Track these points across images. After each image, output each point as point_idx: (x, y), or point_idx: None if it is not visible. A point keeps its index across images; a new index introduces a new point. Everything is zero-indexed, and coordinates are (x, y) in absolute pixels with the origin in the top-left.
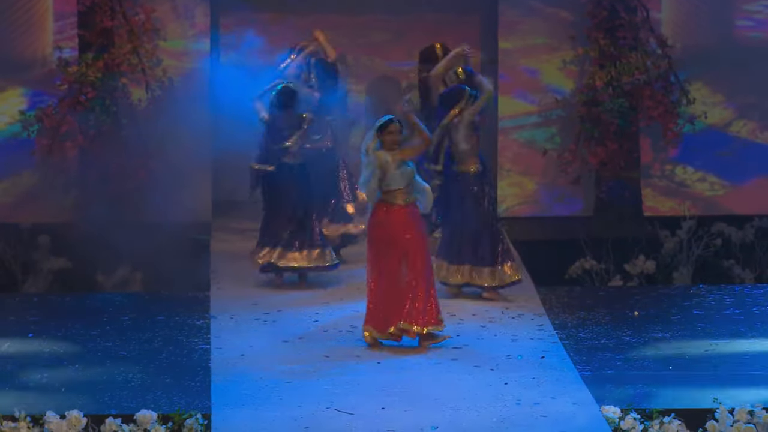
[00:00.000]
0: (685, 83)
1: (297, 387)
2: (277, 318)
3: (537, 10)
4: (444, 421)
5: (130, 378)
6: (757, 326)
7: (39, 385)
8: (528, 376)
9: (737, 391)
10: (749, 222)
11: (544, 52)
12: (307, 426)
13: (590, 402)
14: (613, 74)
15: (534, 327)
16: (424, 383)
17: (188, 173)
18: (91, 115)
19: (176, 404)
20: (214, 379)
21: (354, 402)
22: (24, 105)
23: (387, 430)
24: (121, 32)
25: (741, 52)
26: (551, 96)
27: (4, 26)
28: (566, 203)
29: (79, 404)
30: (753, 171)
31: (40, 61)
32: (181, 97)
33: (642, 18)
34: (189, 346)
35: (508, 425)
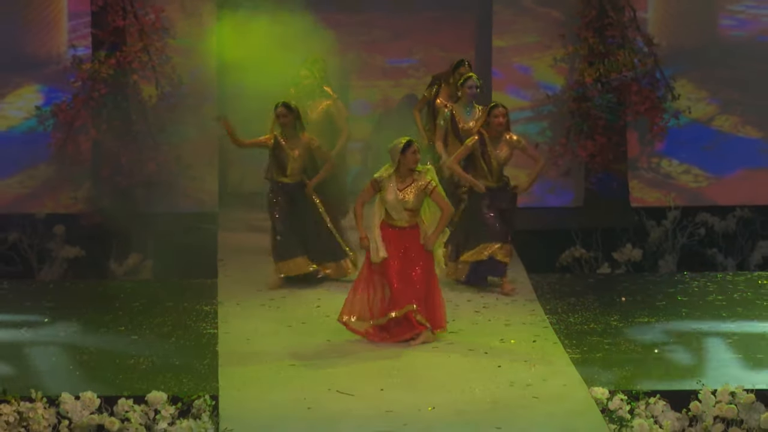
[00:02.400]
0: (670, 80)
1: (300, 369)
2: (281, 304)
3: (529, 9)
4: (440, 402)
5: (141, 361)
6: (739, 311)
7: (54, 367)
8: (520, 359)
9: (720, 372)
10: (731, 212)
11: (536, 50)
12: (309, 407)
13: (579, 384)
14: (602, 71)
15: (526, 312)
16: (421, 366)
17: (196, 166)
18: (103, 111)
19: (185, 386)
20: (222, 362)
21: (354, 384)
22: (40, 101)
23: (386, 411)
24: (132, 31)
25: (724, 50)
26: (543, 92)
27: (21, 25)
28: (557, 194)
29: (93, 386)
30: (735, 164)
31: (55, 59)
32: (189, 93)
33: (629, 17)
34: (197, 331)
35: (501, 406)
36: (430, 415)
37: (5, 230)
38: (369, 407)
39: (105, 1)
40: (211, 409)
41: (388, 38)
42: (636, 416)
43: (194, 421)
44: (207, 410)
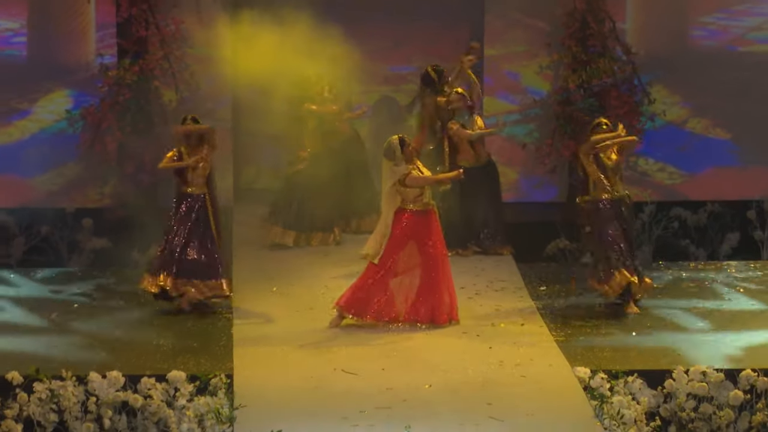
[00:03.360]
0: (647, 85)
1: (308, 351)
2: (291, 291)
3: (518, 21)
4: (436, 380)
5: (162, 343)
6: (709, 298)
7: (83, 348)
8: (509, 341)
9: (692, 353)
10: (702, 207)
11: (524, 58)
12: (316, 385)
13: (564, 364)
14: (584, 77)
15: (515, 298)
16: (419, 348)
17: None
18: (127, 114)
19: (203, 366)
20: (236, 344)
21: (357, 364)
22: (70, 105)
23: (386, 388)
24: (154, 41)
25: (696, 58)
26: (530, 96)
27: (53, 36)
28: (543, 190)
29: (118, 365)
30: (706, 162)
31: (83, 67)
32: (205, 98)
33: (609, 28)
34: (213, 316)
35: (492, 384)
36: (427, 392)
37: (38, 223)
38: (371, 385)
39: (129, 14)
40: (226, 387)
41: (389, 47)
42: (615, 393)
43: (211, 397)
44: (222, 388)
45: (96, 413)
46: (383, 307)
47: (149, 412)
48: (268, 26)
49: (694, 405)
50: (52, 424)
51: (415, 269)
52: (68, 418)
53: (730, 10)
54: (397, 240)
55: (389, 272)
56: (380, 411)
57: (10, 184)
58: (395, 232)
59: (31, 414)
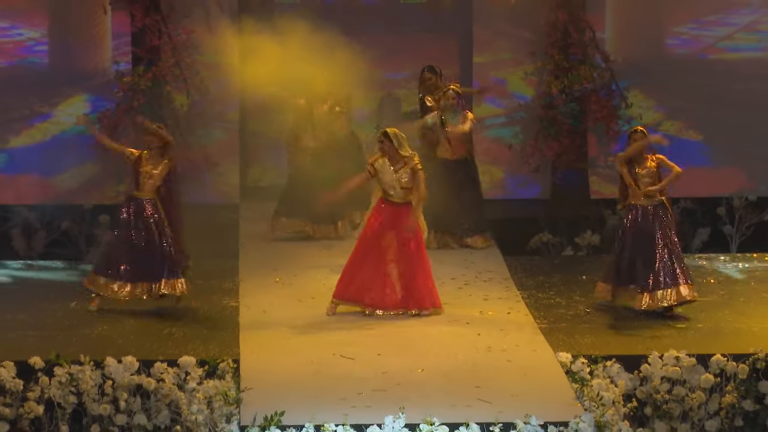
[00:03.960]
0: (624, 91)
1: (309, 337)
2: (293, 281)
3: (504, 31)
4: (428, 364)
5: (174, 330)
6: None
7: (100, 335)
8: (496, 328)
9: (666, 340)
10: (676, 203)
11: (510, 65)
12: (317, 369)
13: (547, 349)
14: (566, 83)
15: (501, 289)
16: (412, 334)
17: (221, 164)
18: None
19: (211, 351)
20: (242, 330)
21: (355, 349)
22: (87, 109)
23: (382, 372)
24: (166, 49)
25: (670, 65)
26: (516, 101)
27: (72, 44)
28: (528, 188)
29: (133, 351)
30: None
31: (100, 73)
32: (215, 102)
33: (589, 37)
34: (221, 304)
35: (480, 368)
36: (419, 375)
37: (58, 219)
38: (367, 369)
39: (143, 24)
40: (233, 371)
41: (385, 55)
42: (595, 377)
43: (219, 381)
44: (230, 372)
45: (112, 395)
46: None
47: (162, 394)
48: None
49: (668, 388)
50: (71, 405)
51: (396, 259)
52: (86, 399)
53: (701, 20)
54: (371, 229)
55: (373, 260)
56: (376, 393)
57: (33, 182)
58: (370, 221)
59: (52, 396)
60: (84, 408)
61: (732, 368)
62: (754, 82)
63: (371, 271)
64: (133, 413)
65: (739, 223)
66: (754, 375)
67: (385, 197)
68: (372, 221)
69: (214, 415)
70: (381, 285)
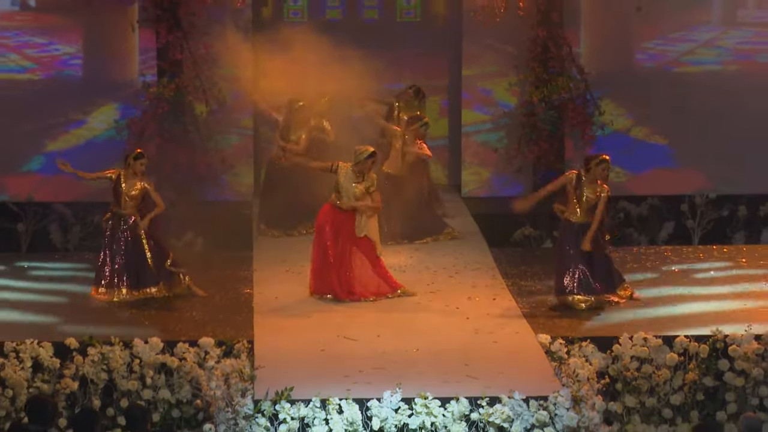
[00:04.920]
0: (597, 100)
1: (316, 320)
2: (301, 270)
3: (490, 46)
4: (422, 345)
5: (195, 314)
6: (649, 277)
7: (129, 319)
8: (483, 313)
9: (636, 323)
10: (644, 200)
11: (495, 77)
12: (323, 349)
13: (528, 332)
14: (546, 93)
15: (488, 277)
16: (408, 318)
17: (236, 165)
18: (165, 123)
19: (228, 333)
20: (256, 314)
21: (357, 331)
22: (117, 116)
23: (381, 352)
24: (188, 63)
25: (638, 77)
26: (500, 109)
27: (103, 58)
28: (511, 187)
29: (158, 332)
30: (647, 164)
31: (129, 84)
32: (231, 110)
33: (566, 52)
34: (237, 291)
35: (469, 349)
36: (414, 355)
37: (91, 214)
38: (368, 349)
39: (167, 40)
40: (248, 351)
41: (384, 68)
42: (572, 356)
43: (235, 359)
44: (245, 351)
45: (139, 373)
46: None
47: (184, 371)
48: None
49: (637, 366)
50: (102, 381)
51: (355, 253)
52: (116, 376)
53: (666, 37)
54: (321, 232)
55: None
56: (376, 371)
57: (69, 182)
58: (319, 223)
59: (86, 373)
60: (114, 384)
61: (694, 348)
62: (713, 92)
63: (335, 269)
64: (158, 388)
65: (700, 219)
66: (713, 354)
67: (334, 201)
68: (320, 223)
69: (230, 391)
70: (347, 279)
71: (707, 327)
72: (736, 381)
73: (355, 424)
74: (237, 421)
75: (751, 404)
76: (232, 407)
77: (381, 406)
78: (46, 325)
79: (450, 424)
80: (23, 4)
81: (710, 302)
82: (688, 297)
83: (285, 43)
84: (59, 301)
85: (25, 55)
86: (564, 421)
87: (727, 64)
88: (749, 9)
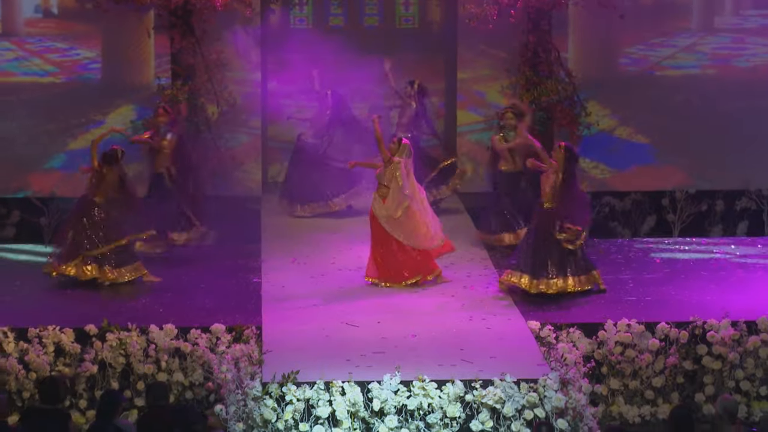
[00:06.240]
0: (584, 101)
1: (320, 307)
2: (306, 261)
3: (484, 51)
4: (420, 330)
5: (206, 302)
6: (634, 267)
7: (145, 307)
8: (477, 300)
9: (619, 310)
10: (627, 196)
11: (488, 80)
12: (327, 335)
13: (519, 318)
14: (536, 95)
15: (481, 267)
16: (406, 305)
17: (245, 163)
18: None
19: (238, 319)
20: (264, 302)
21: (359, 318)
22: (134, 116)
23: (381, 337)
24: (200, 67)
25: (622, 80)
26: (493, 110)
27: (121, 63)
28: None
29: (172, 319)
30: (630, 161)
31: (145, 87)
32: (241, 111)
33: (555, 57)
34: (246, 280)
35: (463, 334)
36: (412, 340)
37: None
38: (369, 334)
39: (181, 45)
40: (256, 336)
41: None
42: (560, 341)
43: (244, 345)
44: (254, 337)
45: (155, 357)
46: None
47: (196, 356)
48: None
49: (621, 350)
50: (120, 365)
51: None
52: (133, 360)
53: (648, 42)
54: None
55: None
56: (376, 354)
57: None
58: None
59: (104, 358)
60: (131, 367)
61: (674, 334)
62: (692, 94)
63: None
64: (173, 372)
65: (680, 213)
66: (692, 340)
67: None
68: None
69: (240, 374)
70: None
71: (687, 314)
72: (714, 365)
73: (357, 405)
74: (246, 402)
75: (727, 386)
76: (241, 389)
77: (381, 388)
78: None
79: (446, 405)
80: (46, 11)
81: (689, 291)
82: (668, 285)
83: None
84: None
85: (48, 59)
86: (552, 402)
87: (705, 68)
88: (726, 16)
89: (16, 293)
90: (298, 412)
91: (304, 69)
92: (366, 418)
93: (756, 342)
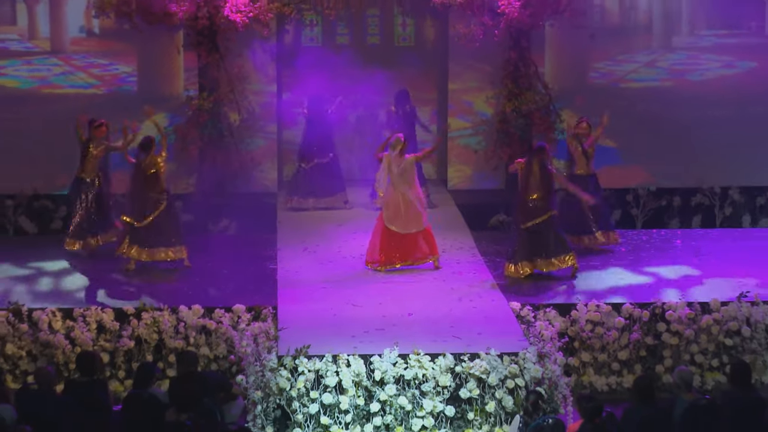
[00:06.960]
0: (558, 110)
1: (328, 290)
2: (317, 249)
3: (471, 65)
4: (415, 310)
5: (229, 285)
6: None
7: (175, 289)
8: (465, 284)
9: (592, 293)
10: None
11: (475, 90)
12: (334, 314)
13: (502, 299)
14: (516, 104)
15: (469, 255)
16: (403, 288)
17: (263, 163)
18: (205, 130)
19: (256, 300)
20: (279, 285)
21: (362, 299)
22: (166, 123)
23: (382, 316)
24: (224, 80)
25: (591, 92)
26: (479, 117)
27: (154, 76)
28: (489, 181)
29: (198, 300)
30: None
31: (175, 97)
32: (259, 119)
33: (533, 71)
34: (264, 266)
35: (453, 314)
36: (409, 319)
37: None
38: (371, 314)
39: (207, 61)
40: (273, 315)
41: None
42: (537, 320)
43: (262, 323)
44: (270, 316)
45: (184, 334)
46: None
47: (220, 332)
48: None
49: (591, 328)
50: (154, 341)
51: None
52: (165, 337)
53: (614, 59)
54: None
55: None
56: (377, 332)
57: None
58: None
59: (140, 334)
60: (163, 343)
61: (638, 314)
62: (653, 104)
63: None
64: (199, 346)
65: (642, 207)
66: (653, 318)
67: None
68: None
69: (258, 348)
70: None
71: (648, 296)
72: (672, 340)
73: (360, 375)
74: (264, 373)
75: (683, 359)
76: (260, 362)
77: (382, 360)
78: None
79: (438, 376)
80: (89, 32)
81: (651, 276)
82: (632, 271)
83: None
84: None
85: (91, 73)
86: (531, 373)
87: (663, 81)
88: (682, 36)
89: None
90: (309, 382)
91: (314, 81)
92: (368, 387)
93: (709, 321)
